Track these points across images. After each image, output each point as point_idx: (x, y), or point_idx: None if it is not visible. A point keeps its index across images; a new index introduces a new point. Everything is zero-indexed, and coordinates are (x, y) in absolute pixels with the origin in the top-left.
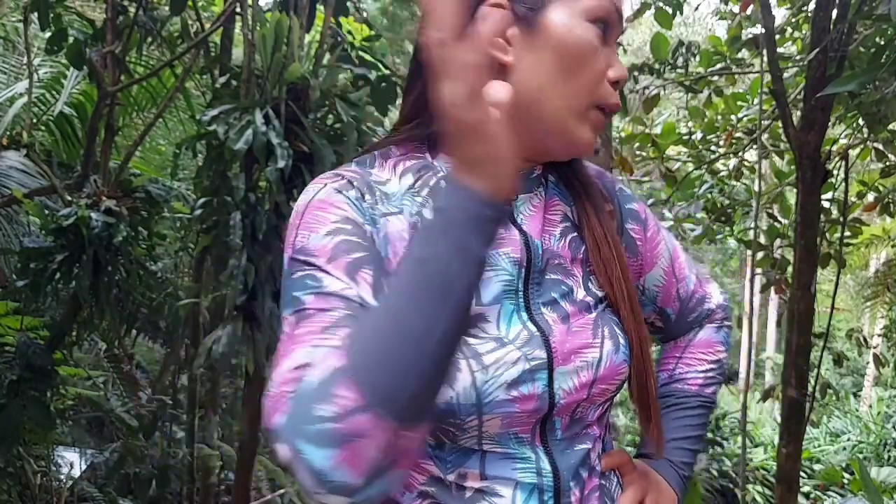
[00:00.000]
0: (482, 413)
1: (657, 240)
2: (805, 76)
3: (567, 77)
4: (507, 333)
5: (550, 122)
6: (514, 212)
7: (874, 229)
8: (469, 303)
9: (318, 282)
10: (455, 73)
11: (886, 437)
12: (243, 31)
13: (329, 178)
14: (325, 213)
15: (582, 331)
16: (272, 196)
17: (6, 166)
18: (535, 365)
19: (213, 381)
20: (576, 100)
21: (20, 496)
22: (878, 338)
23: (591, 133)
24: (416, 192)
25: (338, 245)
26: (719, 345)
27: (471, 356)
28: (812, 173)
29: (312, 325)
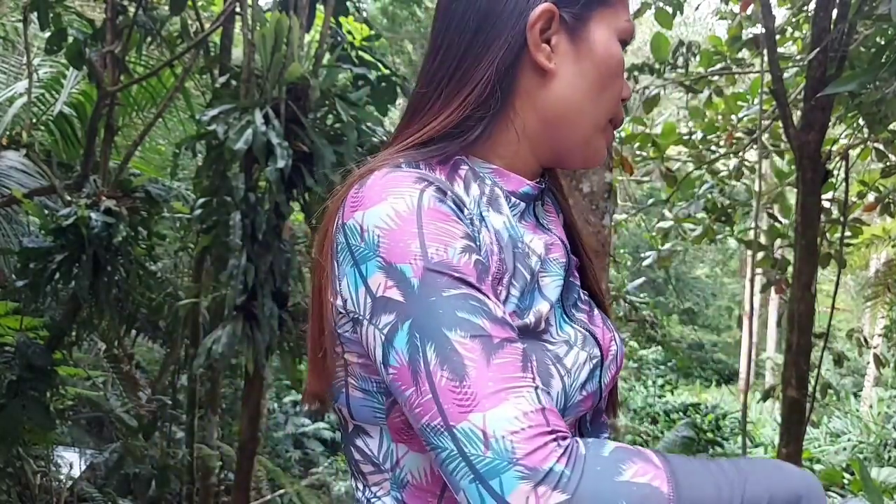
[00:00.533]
0: (565, 416)
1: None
2: (805, 76)
3: (601, 92)
4: (567, 336)
5: (580, 135)
6: (539, 217)
7: (874, 229)
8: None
9: (483, 305)
10: None
11: (886, 437)
12: (243, 31)
13: (417, 180)
14: (450, 227)
15: (603, 326)
16: (272, 196)
17: (6, 166)
18: (596, 363)
19: (212, 381)
20: (602, 115)
21: (20, 496)
22: (879, 338)
23: (603, 149)
24: (482, 204)
25: (477, 265)
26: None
27: (556, 361)
28: (812, 173)
29: (510, 358)
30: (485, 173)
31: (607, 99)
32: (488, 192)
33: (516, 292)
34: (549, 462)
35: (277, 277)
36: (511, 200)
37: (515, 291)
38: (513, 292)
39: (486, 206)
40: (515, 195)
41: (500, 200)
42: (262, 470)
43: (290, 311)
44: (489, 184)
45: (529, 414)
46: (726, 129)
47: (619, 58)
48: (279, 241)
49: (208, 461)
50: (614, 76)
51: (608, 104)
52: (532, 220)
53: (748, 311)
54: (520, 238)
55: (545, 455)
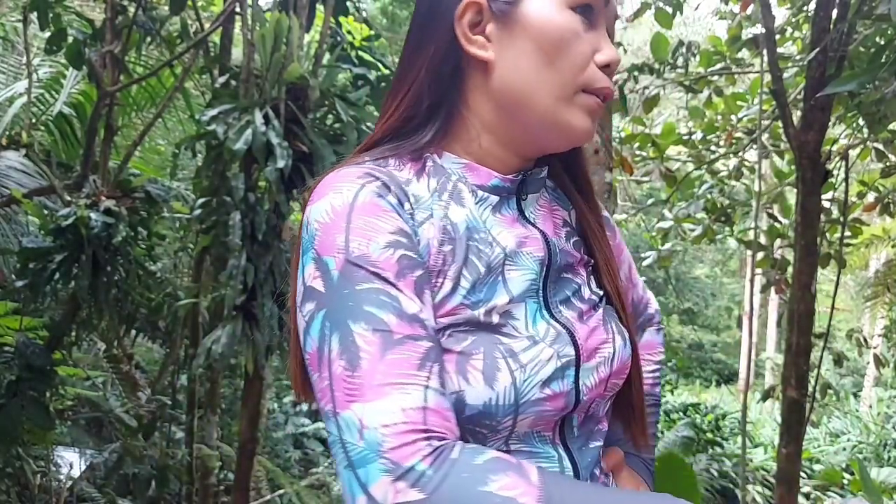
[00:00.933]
0: (518, 413)
1: (621, 246)
2: (805, 76)
3: (549, 66)
4: (535, 332)
5: (541, 114)
6: (525, 211)
7: (874, 229)
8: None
9: (394, 301)
10: None
11: (886, 437)
12: (243, 31)
13: (361, 176)
14: (379, 221)
15: (598, 327)
16: (272, 196)
17: (6, 166)
18: (566, 362)
19: (212, 381)
20: (561, 87)
21: (20, 496)
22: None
23: (584, 118)
24: (438, 197)
25: (401, 260)
26: (660, 346)
27: (508, 355)
28: (812, 173)
29: (406, 355)
30: (454, 168)
31: (561, 69)
32: (451, 187)
33: (467, 284)
34: (412, 460)
35: (277, 277)
36: (478, 194)
37: (466, 283)
38: (462, 284)
39: (448, 200)
40: (484, 188)
41: (462, 194)
42: (262, 470)
43: (289, 311)
44: (454, 178)
45: (407, 411)
46: (726, 129)
47: (564, 24)
48: (279, 241)
49: (208, 461)
50: (561, 46)
51: (564, 74)
52: (512, 213)
53: (748, 311)
54: (482, 230)
55: (410, 452)
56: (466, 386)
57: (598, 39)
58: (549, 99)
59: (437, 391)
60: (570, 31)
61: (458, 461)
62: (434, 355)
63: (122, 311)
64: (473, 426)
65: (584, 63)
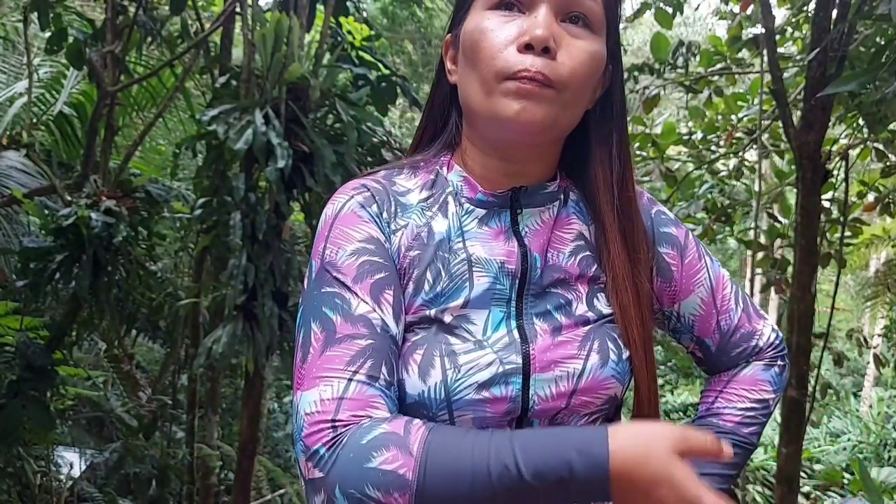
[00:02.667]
0: (453, 409)
1: (697, 267)
2: (805, 76)
3: (472, 68)
4: (489, 337)
5: (477, 112)
6: (519, 224)
7: (874, 229)
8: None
9: (346, 303)
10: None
11: (886, 437)
12: (243, 31)
13: (356, 188)
14: (351, 230)
15: (569, 342)
16: (272, 196)
17: (6, 166)
18: (509, 369)
19: (212, 381)
20: (481, 83)
21: (20, 496)
22: (878, 338)
23: (509, 104)
24: (427, 206)
25: (362, 265)
26: (766, 384)
27: (446, 355)
28: (812, 173)
29: (341, 352)
30: (455, 181)
31: (478, 67)
32: (442, 199)
33: (428, 287)
34: (316, 444)
35: (277, 277)
36: (465, 206)
37: (427, 286)
38: (424, 287)
39: (436, 211)
40: (472, 202)
41: (449, 206)
42: (262, 470)
43: (290, 311)
44: (449, 190)
45: (325, 401)
46: (726, 129)
47: (476, 27)
48: (279, 241)
49: (208, 461)
50: (475, 46)
51: (481, 70)
52: (499, 226)
53: None
54: (456, 241)
55: (317, 438)
56: (405, 376)
57: (526, 23)
58: (478, 97)
59: (363, 382)
60: (478, 30)
61: (348, 443)
62: (372, 351)
63: (122, 310)
64: (416, 415)
65: (496, 54)
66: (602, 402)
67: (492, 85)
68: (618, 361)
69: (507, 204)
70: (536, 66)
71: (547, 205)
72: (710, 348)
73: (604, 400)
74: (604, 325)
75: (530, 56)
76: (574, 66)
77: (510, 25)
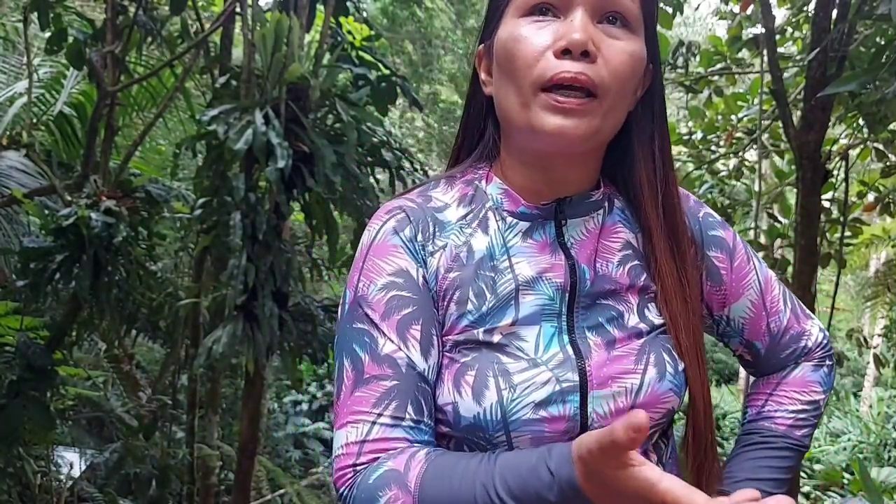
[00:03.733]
0: (510, 430)
1: (746, 269)
2: (805, 76)
3: (507, 78)
4: (542, 355)
5: (515, 126)
6: (565, 235)
7: (874, 229)
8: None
9: (374, 341)
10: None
11: (886, 437)
12: (243, 31)
13: (390, 210)
14: (382, 263)
15: (625, 356)
16: (272, 196)
17: (6, 166)
18: (567, 387)
19: (212, 381)
20: (518, 94)
21: (20, 496)
22: (878, 338)
23: (546, 117)
24: (466, 223)
25: (390, 301)
26: (816, 385)
27: (500, 374)
28: (812, 173)
29: (368, 393)
30: (495, 193)
31: (515, 77)
32: (482, 215)
33: (473, 308)
34: (342, 487)
35: (277, 277)
36: (508, 220)
37: (472, 307)
38: (469, 308)
39: (475, 228)
40: (514, 215)
41: (489, 222)
42: (262, 470)
43: (290, 311)
44: (489, 205)
45: (349, 444)
46: (726, 129)
47: (510, 36)
48: (279, 241)
49: (208, 461)
50: (510, 55)
51: (517, 80)
52: (544, 238)
53: None
54: (500, 258)
55: (342, 481)
56: (458, 398)
57: (562, 30)
58: (516, 108)
59: (386, 424)
60: (512, 39)
61: (360, 483)
62: (397, 392)
63: (122, 310)
64: (472, 437)
65: (531, 63)
66: (661, 416)
67: (529, 96)
68: (674, 374)
69: (550, 215)
70: (576, 69)
71: (592, 213)
72: (759, 351)
73: (662, 414)
74: (657, 337)
75: (568, 61)
76: (615, 68)
77: (545, 31)
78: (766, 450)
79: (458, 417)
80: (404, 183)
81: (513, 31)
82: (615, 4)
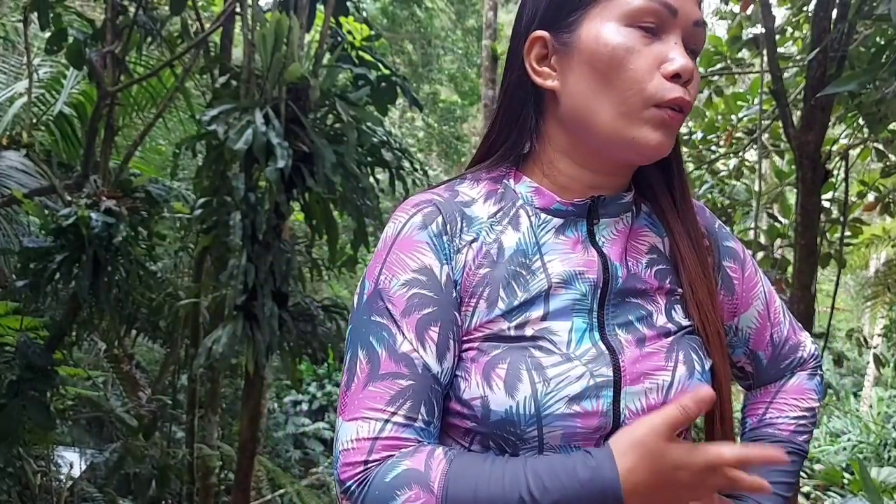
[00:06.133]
0: (542, 424)
1: (754, 281)
2: (805, 76)
3: (606, 86)
4: (575, 350)
5: (606, 133)
6: (596, 234)
7: (874, 229)
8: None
9: (392, 337)
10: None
11: (886, 437)
12: (243, 31)
13: (418, 204)
14: (407, 258)
15: (655, 353)
16: (272, 196)
17: (6, 166)
18: (601, 382)
19: (212, 381)
20: (621, 105)
21: (20, 496)
22: (878, 338)
23: (654, 133)
24: (496, 221)
25: (412, 298)
26: (812, 392)
27: (534, 368)
28: (812, 173)
29: (383, 389)
30: (524, 191)
31: (619, 87)
32: (512, 212)
33: (503, 305)
34: (349, 481)
35: (277, 277)
36: (541, 217)
37: (503, 304)
38: (500, 305)
39: (506, 225)
40: (547, 211)
41: (520, 219)
42: (262, 470)
43: (290, 311)
44: (519, 203)
45: (361, 440)
46: (726, 129)
47: (617, 43)
48: (279, 241)
49: (208, 461)
50: (613, 63)
51: (622, 92)
52: (577, 235)
53: None
54: (532, 255)
55: (350, 475)
56: (489, 392)
57: (666, 50)
58: (611, 117)
59: (399, 424)
60: (622, 48)
61: (374, 481)
62: (412, 392)
63: (122, 310)
64: (502, 433)
65: (645, 77)
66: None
67: (637, 109)
68: (703, 371)
69: (584, 213)
70: (682, 97)
71: (621, 215)
72: (762, 361)
73: None
74: (684, 337)
75: (679, 86)
76: (694, 94)
77: (651, 49)
78: None
79: (487, 412)
80: (404, 183)
81: (616, 38)
82: (698, 38)
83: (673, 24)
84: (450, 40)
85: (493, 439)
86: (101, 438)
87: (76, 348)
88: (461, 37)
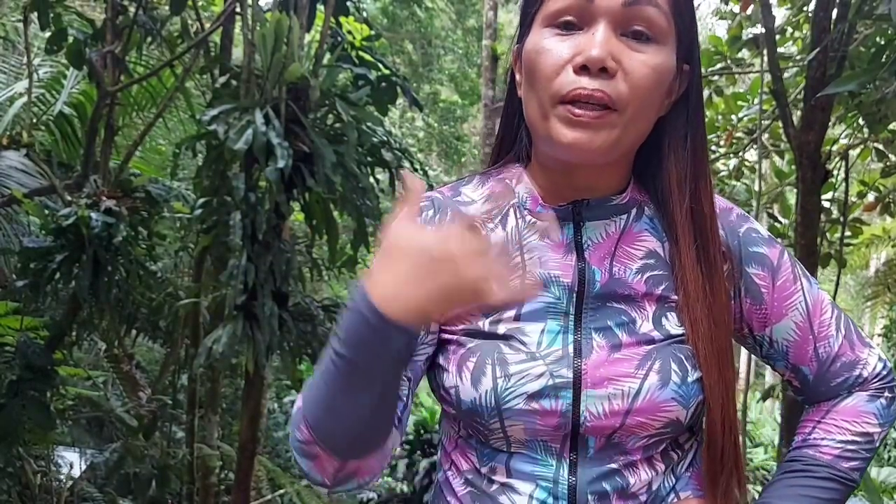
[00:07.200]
0: (503, 418)
1: (791, 290)
2: (805, 76)
3: (531, 88)
4: (543, 350)
5: (536, 133)
6: (582, 237)
7: (874, 229)
8: (388, 381)
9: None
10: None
11: (886, 437)
12: (243, 31)
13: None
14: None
15: (626, 360)
16: (272, 196)
17: (6, 166)
18: (560, 383)
19: (212, 381)
20: (539, 105)
21: (20, 496)
22: (878, 338)
23: (565, 130)
24: (489, 220)
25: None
26: (870, 416)
27: (498, 363)
28: (812, 173)
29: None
30: (523, 192)
31: (537, 88)
32: (504, 211)
33: None
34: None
35: (277, 277)
36: (528, 219)
37: None
38: None
39: (497, 224)
40: (533, 214)
41: (508, 219)
42: (262, 470)
43: (290, 311)
44: (513, 202)
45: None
46: (726, 129)
47: (534, 47)
48: (279, 241)
49: (208, 461)
50: (532, 66)
51: (538, 92)
52: (561, 239)
53: None
54: (513, 254)
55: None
56: (460, 383)
57: (583, 42)
58: (537, 117)
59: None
60: (535, 50)
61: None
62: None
63: (122, 310)
64: (471, 422)
65: (552, 75)
66: (661, 424)
67: (548, 107)
68: (681, 384)
69: (568, 217)
70: (593, 86)
71: (613, 217)
72: (807, 377)
73: (663, 423)
74: (670, 346)
75: (586, 77)
76: (636, 82)
77: (566, 44)
78: (806, 478)
79: (459, 401)
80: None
81: (537, 41)
82: (638, 18)
83: (593, 13)
84: (450, 40)
85: (468, 427)
86: (101, 438)
87: (76, 348)
88: (461, 37)
